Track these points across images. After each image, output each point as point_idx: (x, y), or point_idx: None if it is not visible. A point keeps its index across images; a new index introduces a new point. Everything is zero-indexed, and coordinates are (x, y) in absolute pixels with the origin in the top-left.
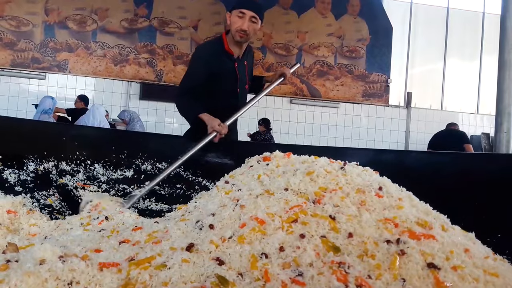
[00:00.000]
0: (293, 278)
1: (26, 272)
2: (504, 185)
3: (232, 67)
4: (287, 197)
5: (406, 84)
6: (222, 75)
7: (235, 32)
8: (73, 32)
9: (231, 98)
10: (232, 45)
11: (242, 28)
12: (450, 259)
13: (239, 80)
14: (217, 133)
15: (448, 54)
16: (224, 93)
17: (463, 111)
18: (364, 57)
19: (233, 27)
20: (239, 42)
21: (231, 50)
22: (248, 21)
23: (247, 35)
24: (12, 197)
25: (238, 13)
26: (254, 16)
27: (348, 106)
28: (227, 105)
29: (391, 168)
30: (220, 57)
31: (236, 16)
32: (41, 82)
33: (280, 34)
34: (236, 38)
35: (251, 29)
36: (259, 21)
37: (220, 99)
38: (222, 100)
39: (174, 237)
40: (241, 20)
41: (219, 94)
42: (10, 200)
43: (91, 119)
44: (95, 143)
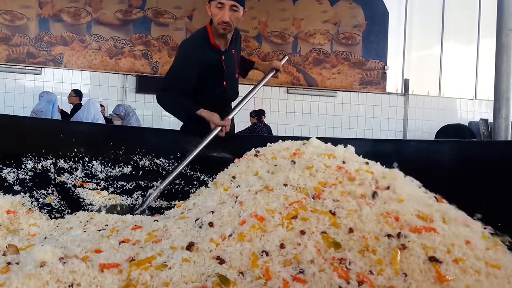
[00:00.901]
0: (294, 276)
1: (27, 275)
2: (504, 172)
3: (219, 61)
4: (286, 192)
5: (403, 70)
6: (209, 70)
7: (218, 25)
8: (67, 25)
9: (218, 91)
10: (217, 37)
11: (224, 19)
12: (452, 252)
13: (225, 73)
14: (221, 127)
15: (445, 38)
16: (211, 86)
17: (461, 97)
18: (360, 43)
19: (215, 20)
20: (222, 35)
21: (217, 44)
22: (229, 11)
23: (230, 26)
24: (11, 197)
25: (217, 4)
26: (234, 5)
27: (345, 94)
28: (214, 98)
29: (390, 158)
30: (206, 52)
31: (216, 7)
32: (37, 77)
33: (276, 22)
34: (220, 31)
35: (233, 19)
36: (240, 7)
37: (206, 93)
38: (208, 94)
39: (174, 235)
40: (221, 12)
41: (205, 88)
42: (9, 200)
43: (85, 114)
44: (93, 140)
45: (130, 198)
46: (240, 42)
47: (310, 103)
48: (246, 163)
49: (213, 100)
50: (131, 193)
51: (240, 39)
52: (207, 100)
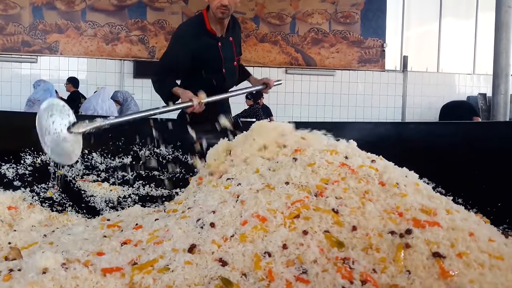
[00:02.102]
0: (297, 276)
1: (29, 283)
2: (504, 153)
3: (216, 48)
4: (288, 191)
5: (402, 47)
6: (205, 56)
7: (216, 9)
8: (61, 12)
9: (216, 78)
10: (214, 23)
11: (222, 3)
12: (455, 246)
13: (223, 60)
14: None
15: (443, 14)
16: (208, 73)
17: (459, 72)
18: (358, 22)
19: (213, 4)
20: (221, 19)
21: (214, 30)
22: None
23: (228, 10)
24: (12, 193)
25: None
26: None
27: (344, 73)
28: (213, 85)
29: (390, 141)
30: (202, 38)
31: None
32: (33, 65)
33: (273, 2)
34: (218, 15)
35: (231, 3)
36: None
37: (205, 80)
38: (207, 81)
39: (175, 236)
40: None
41: (203, 75)
42: (9, 196)
43: (99, 102)
44: (92, 132)
45: (131, 188)
46: (238, 30)
47: (309, 83)
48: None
49: (211, 87)
50: (132, 183)
51: (238, 27)
52: (206, 87)
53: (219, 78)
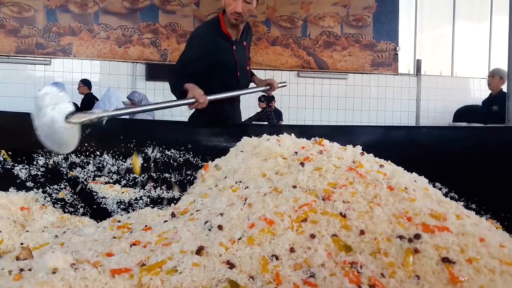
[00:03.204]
0: (305, 280)
1: (39, 282)
2: None
3: (231, 51)
4: (295, 195)
5: (415, 51)
6: (220, 59)
7: (230, 15)
8: (75, 15)
9: (232, 81)
10: (229, 27)
11: (236, 10)
12: (465, 251)
13: (238, 63)
14: (196, 101)
15: (457, 16)
16: (224, 76)
17: (474, 76)
18: (371, 25)
19: (228, 10)
20: (234, 25)
21: (229, 33)
22: (242, 2)
23: (242, 17)
24: (24, 193)
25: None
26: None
27: (356, 76)
28: (227, 88)
29: (401, 145)
30: (218, 41)
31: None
32: (47, 67)
33: (284, 6)
34: (231, 20)
35: (245, 11)
36: (253, 0)
37: (220, 82)
38: (222, 84)
39: (183, 238)
40: (234, 2)
41: (218, 78)
42: (22, 197)
43: (107, 104)
44: (103, 134)
45: (142, 190)
46: (251, 35)
47: (321, 86)
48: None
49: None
50: (144, 185)
51: (251, 32)
52: (220, 89)
53: (234, 81)
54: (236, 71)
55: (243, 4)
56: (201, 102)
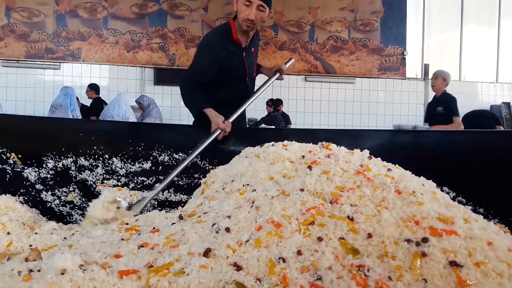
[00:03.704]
0: (312, 282)
1: (48, 283)
2: None
3: (240, 57)
4: (303, 198)
5: (423, 55)
6: (230, 65)
7: (242, 22)
8: (84, 20)
9: (241, 88)
10: (240, 34)
11: (249, 17)
12: (473, 255)
13: (247, 69)
14: (221, 131)
15: (464, 20)
16: (234, 83)
17: (482, 80)
18: (378, 30)
19: (240, 16)
20: (246, 31)
21: (239, 40)
22: (255, 9)
23: (254, 24)
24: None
25: (245, 1)
26: (262, 5)
27: (364, 81)
28: (237, 95)
29: (408, 149)
30: (228, 47)
31: (243, 4)
32: (56, 72)
33: (292, 11)
34: (243, 27)
35: (258, 18)
36: (266, 9)
37: (229, 89)
38: (231, 91)
39: (191, 240)
40: (248, 9)
41: (228, 85)
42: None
43: (116, 108)
44: (112, 137)
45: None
46: (258, 40)
47: (329, 90)
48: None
49: (235, 96)
50: (151, 188)
51: (258, 37)
52: (230, 96)
53: (243, 87)
54: (246, 78)
55: (256, 12)
56: (227, 130)
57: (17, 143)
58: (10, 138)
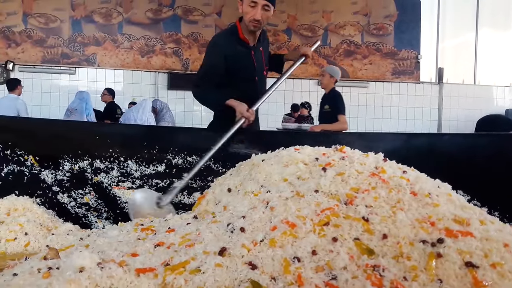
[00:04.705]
0: (327, 282)
1: (67, 280)
2: None
3: (249, 56)
4: (317, 199)
5: (437, 59)
6: (239, 64)
7: (249, 22)
8: (99, 25)
9: (250, 86)
10: (246, 33)
11: (255, 18)
12: (489, 256)
13: (256, 68)
14: (246, 119)
15: (480, 24)
16: (242, 81)
17: (497, 84)
18: (392, 34)
19: (246, 17)
20: (252, 31)
21: (247, 39)
22: (261, 10)
23: (260, 24)
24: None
25: (250, 3)
26: (267, 4)
27: (377, 85)
28: (246, 93)
29: (423, 153)
30: (236, 46)
31: (248, 5)
32: (71, 77)
33: (305, 15)
34: (250, 27)
35: (264, 18)
36: (271, 7)
37: (238, 87)
38: (241, 89)
39: (206, 240)
40: (253, 10)
41: (237, 83)
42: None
43: (140, 113)
44: (127, 140)
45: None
46: (267, 40)
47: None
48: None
49: (244, 95)
50: (166, 190)
51: (267, 37)
52: (239, 95)
53: (252, 86)
54: (254, 76)
55: (262, 12)
56: (251, 118)
57: (34, 146)
58: (28, 141)
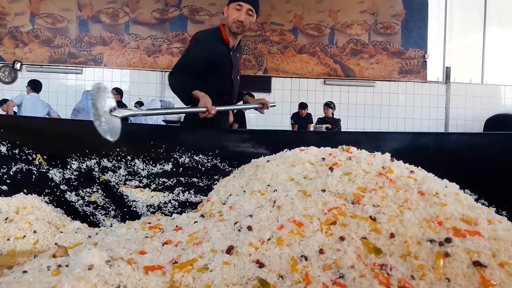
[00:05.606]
0: (334, 280)
1: (76, 277)
2: None
3: (228, 55)
4: (324, 198)
5: (445, 58)
6: (218, 61)
7: (232, 23)
8: (106, 25)
9: (226, 84)
10: (228, 35)
11: (239, 19)
12: (497, 255)
13: (233, 68)
14: (207, 110)
15: (487, 23)
16: (220, 78)
17: (505, 83)
18: (399, 33)
19: (230, 19)
20: (235, 33)
21: (228, 40)
22: (245, 13)
23: (243, 27)
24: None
25: (236, 6)
26: (251, 9)
27: (384, 84)
28: (222, 90)
29: (431, 152)
30: (217, 44)
31: (234, 8)
32: (78, 76)
33: (312, 14)
34: (233, 29)
35: (247, 21)
36: (255, 14)
37: (215, 84)
38: (217, 86)
39: (214, 238)
40: (238, 12)
41: (214, 80)
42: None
43: None
44: (134, 139)
45: (171, 194)
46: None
47: (348, 94)
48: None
49: (220, 91)
50: (172, 189)
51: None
52: (215, 91)
53: (228, 84)
54: (231, 74)
55: (246, 16)
56: (212, 112)
57: (42, 145)
58: (36, 140)
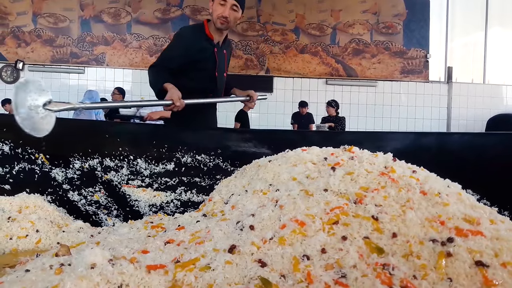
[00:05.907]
0: (336, 280)
1: (79, 276)
2: None
3: (212, 52)
4: (327, 198)
5: (446, 58)
6: (201, 57)
7: (216, 19)
8: (108, 25)
9: (209, 81)
10: (213, 31)
11: (224, 14)
12: (499, 255)
13: (217, 65)
14: (172, 103)
15: (489, 23)
16: (202, 76)
17: (507, 83)
18: (401, 32)
19: (215, 14)
20: (219, 29)
21: (211, 35)
22: (230, 9)
23: (228, 22)
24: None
25: (221, 1)
26: (235, 5)
27: (386, 84)
28: (204, 88)
29: (433, 152)
30: (200, 40)
31: (218, 4)
32: (80, 76)
33: (313, 14)
34: (217, 25)
35: (232, 17)
36: (239, 10)
37: (198, 81)
38: (200, 83)
39: (216, 237)
40: (222, 8)
41: (197, 76)
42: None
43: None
44: (137, 139)
45: (173, 193)
46: (231, 49)
47: (350, 94)
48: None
49: (202, 87)
50: (175, 188)
51: (231, 46)
52: (198, 87)
53: (211, 82)
54: (215, 71)
55: (230, 11)
56: (178, 105)
57: (45, 144)
58: (38, 139)
